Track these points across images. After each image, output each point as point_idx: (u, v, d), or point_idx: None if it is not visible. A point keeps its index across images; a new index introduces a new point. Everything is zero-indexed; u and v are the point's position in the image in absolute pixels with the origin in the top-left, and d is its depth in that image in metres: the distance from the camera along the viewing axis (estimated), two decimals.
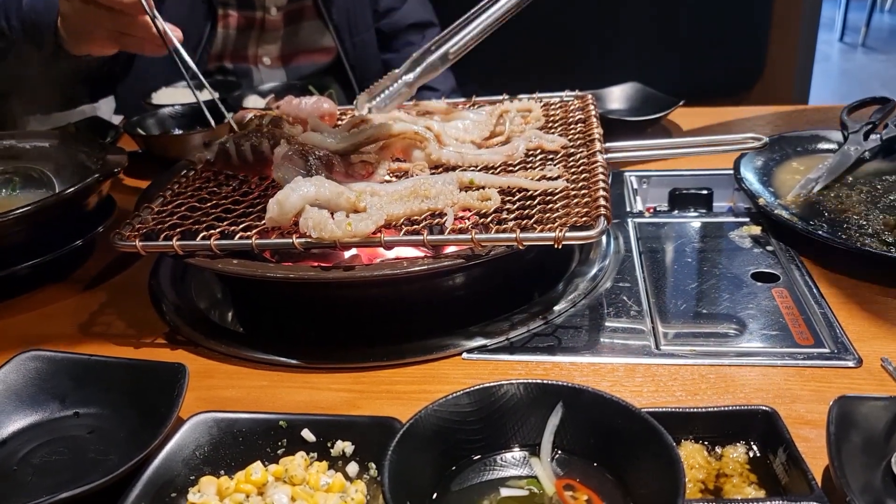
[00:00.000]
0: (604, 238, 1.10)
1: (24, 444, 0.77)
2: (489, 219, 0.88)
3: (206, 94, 1.78)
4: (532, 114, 1.19)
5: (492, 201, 0.89)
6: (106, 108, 2.01)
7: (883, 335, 0.88)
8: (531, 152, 1.07)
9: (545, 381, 0.67)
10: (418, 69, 1.05)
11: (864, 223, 1.08)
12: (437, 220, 0.89)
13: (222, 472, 0.69)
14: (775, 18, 2.45)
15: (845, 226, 1.08)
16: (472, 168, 1.02)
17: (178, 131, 1.61)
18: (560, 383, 0.67)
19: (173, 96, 1.77)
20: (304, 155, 0.96)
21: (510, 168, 1.03)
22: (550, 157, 1.06)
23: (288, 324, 0.99)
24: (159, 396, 0.77)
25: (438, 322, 0.93)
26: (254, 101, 1.67)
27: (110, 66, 1.54)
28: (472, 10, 1.03)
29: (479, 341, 0.91)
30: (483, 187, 0.93)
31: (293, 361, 0.90)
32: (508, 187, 0.96)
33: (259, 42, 1.93)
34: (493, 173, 1.00)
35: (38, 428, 0.80)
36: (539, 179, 0.97)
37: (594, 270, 1.04)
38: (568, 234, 0.82)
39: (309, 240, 0.87)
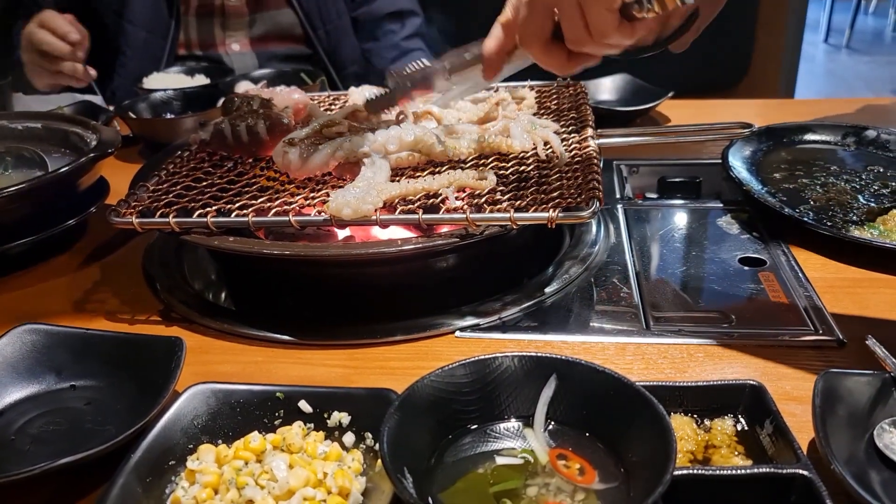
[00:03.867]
0: (594, 223, 1.12)
1: (21, 415, 0.78)
2: (483, 199, 0.90)
3: (199, 80, 1.80)
4: (525, 101, 1.21)
5: (487, 181, 0.91)
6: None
7: (866, 317, 0.90)
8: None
9: (539, 354, 0.68)
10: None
11: (849, 211, 1.10)
12: (431, 200, 0.90)
13: (220, 441, 0.70)
14: (761, 18, 2.48)
15: (831, 213, 1.10)
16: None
17: (169, 116, 1.61)
18: (553, 356, 0.68)
19: (164, 81, 1.77)
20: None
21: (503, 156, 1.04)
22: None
23: (283, 301, 1.00)
24: (156, 369, 0.78)
25: (432, 301, 0.94)
26: (245, 87, 1.67)
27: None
28: None
29: (472, 320, 0.92)
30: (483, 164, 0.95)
31: (288, 338, 0.91)
32: (503, 165, 0.97)
33: (225, 28, 1.93)
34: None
35: (36, 400, 0.80)
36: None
37: (584, 254, 1.06)
38: (561, 215, 0.83)
39: (304, 218, 0.88)
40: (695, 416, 0.71)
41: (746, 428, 0.70)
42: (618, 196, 1.25)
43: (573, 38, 0.78)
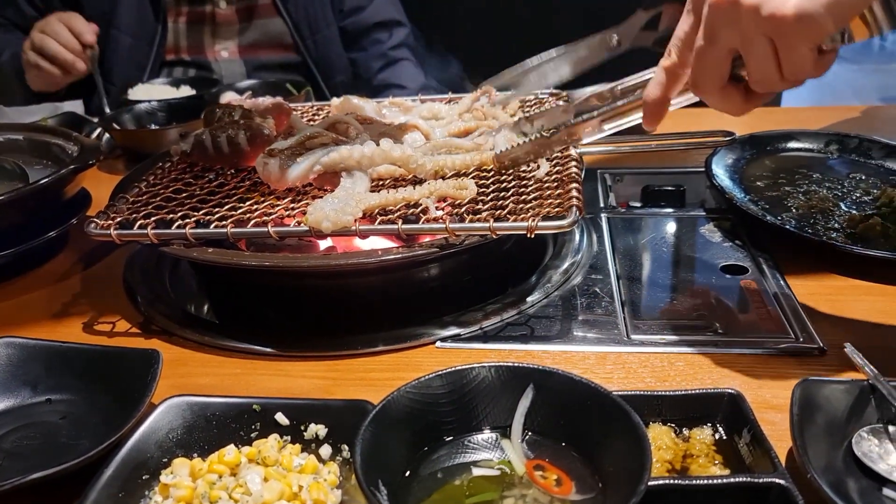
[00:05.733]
0: (577, 232, 1.12)
1: None
2: (463, 209, 0.89)
3: (184, 91, 1.79)
4: (509, 105, 1.21)
5: (468, 190, 0.90)
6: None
7: (846, 324, 0.90)
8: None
9: (516, 364, 0.68)
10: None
11: (831, 218, 1.10)
12: (411, 211, 0.90)
13: (195, 454, 0.70)
14: None
15: (813, 221, 1.10)
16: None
17: (153, 127, 1.61)
18: (530, 366, 0.68)
19: (149, 92, 1.77)
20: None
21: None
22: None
23: (262, 313, 0.99)
24: (132, 382, 0.77)
25: (412, 311, 0.94)
26: (230, 98, 1.67)
27: None
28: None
29: (453, 330, 0.92)
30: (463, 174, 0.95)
31: (267, 349, 0.90)
32: (484, 174, 0.97)
33: (214, 36, 1.94)
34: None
35: (10, 414, 0.79)
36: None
37: (567, 263, 1.05)
38: (541, 224, 0.83)
39: (283, 229, 0.88)
40: (673, 425, 0.71)
41: (725, 437, 0.69)
42: (601, 205, 1.25)
43: (762, 79, 0.72)
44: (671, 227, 1.17)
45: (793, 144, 1.37)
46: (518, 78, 1.01)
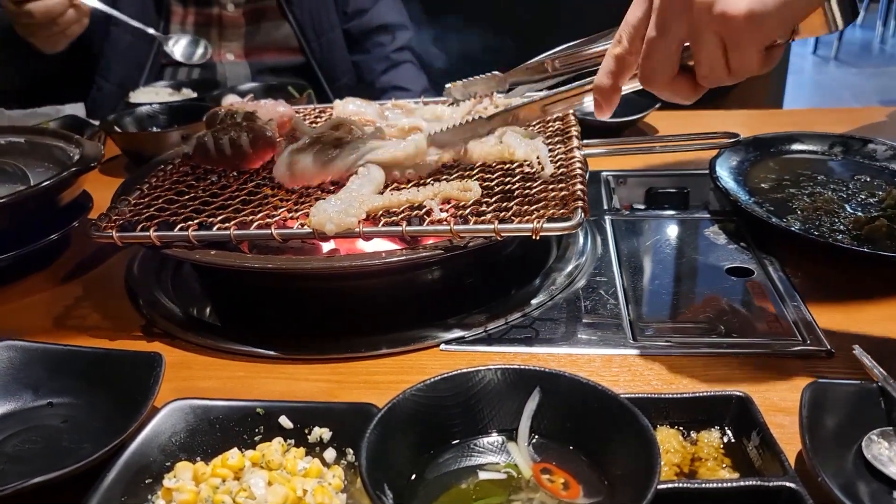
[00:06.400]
0: (581, 234, 1.11)
1: None
2: (468, 211, 0.89)
3: (185, 94, 1.79)
4: None
5: (472, 192, 0.90)
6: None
7: (854, 326, 0.89)
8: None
9: (522, 367, 0.67)
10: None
11: (836, 220, 1.10)
12: (415, 213, 0.90)
13: (198, 458, 0.69)
14: None
15: (818, 223, 1.10)
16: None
17: (155, 129, 1.60)
18: (537, 368, 0.67)
19: (150, 95, 1.76)
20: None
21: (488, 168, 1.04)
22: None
23: (265, 316, 0.99)
24: (135, 386, 0.76)
25: (416, 314, 0.93)
26: (232, 100, 1.66)
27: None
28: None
29: (457, 333, 0.91)
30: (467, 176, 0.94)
31: (271, 353, 0.89)
32: (488, 176, 0.97)
33: (220, 38, 1.93)
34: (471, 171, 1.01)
35: (11, 418, 0.78)
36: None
37: (571, 266, 1.05)
38: (546, 226, 0.82)
39: (286, 231, 0.87)
40: (681, 428, 0.70)
41: (733, 440, 0.69)
42: (605, 207, 1.24)
43: (709, 74, 0.72)
44: (675, 230, 1.16)
45: (797, 146, 1.37)
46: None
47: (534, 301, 0.97)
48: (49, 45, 1.64)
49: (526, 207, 0.89)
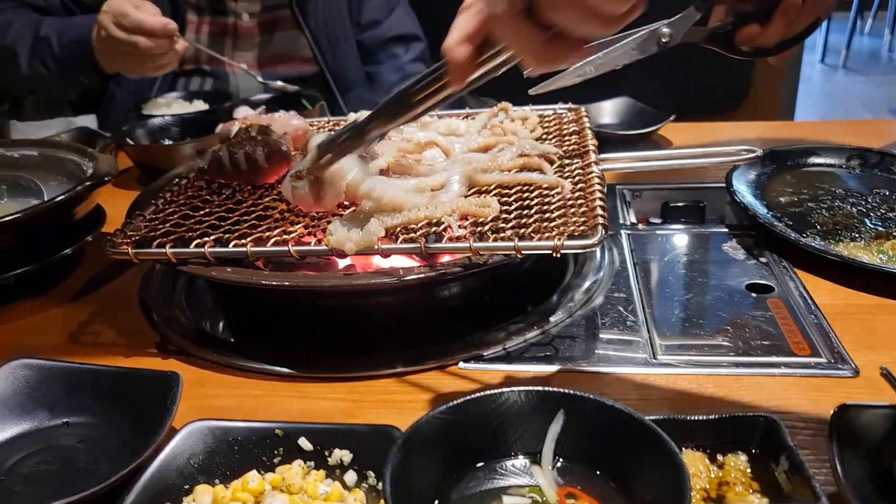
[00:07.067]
0: (598, 250, 1.10)
1: (12, 453, 0.76)
2: (487, 227, 0.88)
3: (197, 105, 1.79)
4: (528, 120, 1.20)
5: (490, 209, 0.89)
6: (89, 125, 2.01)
7: (878, 345, 0.88)
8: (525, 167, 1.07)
9: (546, 389, 0.66)
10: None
11: (857, 235, 1.09)
12: (433, 229, 0.89)
13: (217, 480, 0.68)
14: None
15: (838, 238, 1.08)
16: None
17: (167, 142, 1.60)
18: (561, 390, 0.66)
19: (162, 107, 1.76)
20: None
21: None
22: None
23: (281, 333, 0.98)
24: (151, 405, 0.76)
25: (434, 332, 0.92)
26: (244, 112, 1.66)
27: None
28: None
29: (476, 351, 0.90)
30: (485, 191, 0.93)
31: (287, 371, 0.89)
32: (506, 192, 0.96)
33: (235, 48, 1.93)
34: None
35: (27, 437, 0.78)
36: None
37: (589, 282, 1.04)
38: (566, 243, 0.81)
39: (304, 248, 0.86)
40: (707, 450, 0.69)
41: (761, 463, 0.68)
42: (621, 221, 1.23)
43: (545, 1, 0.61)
44: (693, 244, 1.15)
45: (814, 159, 1.36)
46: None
47: (552, 318, 0.96)
48: (134, 73, 1.69)
49: (545, 224, 0.88)
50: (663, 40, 0.95)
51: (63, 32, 1.66)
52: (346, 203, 0.97)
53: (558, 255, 0.81)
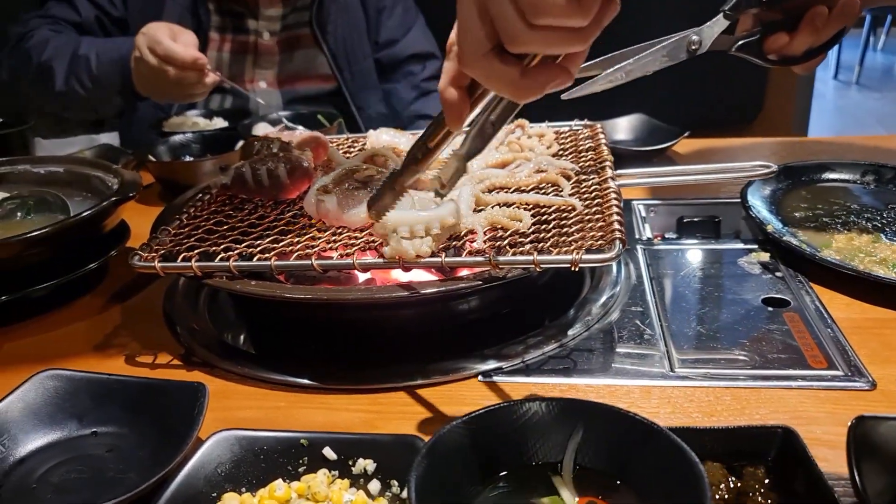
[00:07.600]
0: (615, 264, 1.11)
1: (42, 462, 0.77)
2: (506, 241, 0.89)
3: (217, 122, 1.82)
4: (545, 137, 1.21)
5: (522, 223, 0.90)
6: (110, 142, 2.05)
7: (895, 358, 0.89)
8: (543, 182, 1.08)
9: (568, 399, 0.68)
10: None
11: (872, 250, 1.09)
12: (453, 243, 0.90)
13: (244, 489, 0.69)
14: None
15: (854, 253, 1.09)
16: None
17: (188, 158, 1.63)
18: (582, 401, 0.67)
19: (183, 124, 1.79)
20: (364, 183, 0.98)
21: (523, 191, 1.05)
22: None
23: (304, 345, 0.99)
24: (178, 416, 0.77)
25: (454, 344, 0.94)
26: (263, 130, 1.69)
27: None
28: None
29: (494, 364, 0.91)
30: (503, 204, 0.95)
31: (310, 382, 0.90)
32: (524, 207, 0.97)
33: (255, 66, 1.97)
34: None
35: (57, 447, 0.79)
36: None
37: (605, 296, 1.05)
38: (585, 257, 0.83)
39: (327, 262, 0.88)
40: (725, 462, 0.70)
41: (779, 475, 0.68)
42: (637, 236, 1.24)
43: (507, 29, 0.59)
44: (709, 259, 1.16)
45: (828, 175, 1.36)
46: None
47: (570, 331, 0.97)
48: (162, 98, 1.77)
49: (563, 238, 0.89)
50: (693, 47, 0.96)
51: (102, 52, 1.71)
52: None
53: (576, 269, 0.83)
